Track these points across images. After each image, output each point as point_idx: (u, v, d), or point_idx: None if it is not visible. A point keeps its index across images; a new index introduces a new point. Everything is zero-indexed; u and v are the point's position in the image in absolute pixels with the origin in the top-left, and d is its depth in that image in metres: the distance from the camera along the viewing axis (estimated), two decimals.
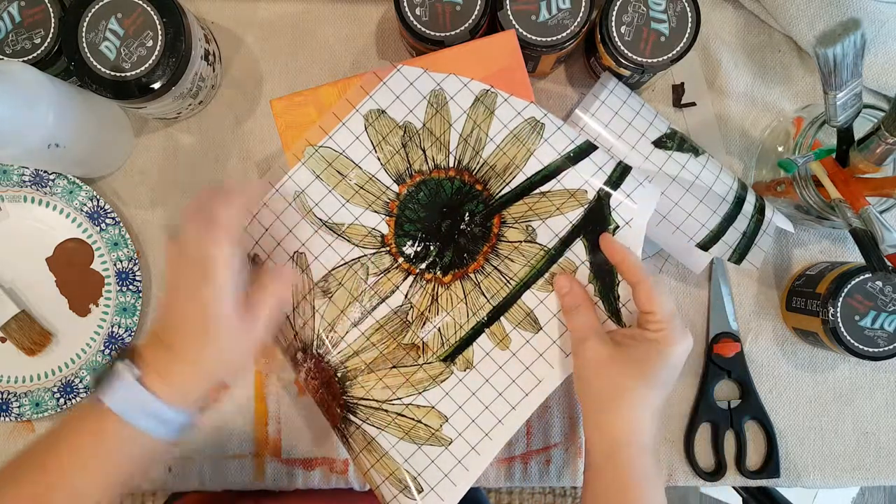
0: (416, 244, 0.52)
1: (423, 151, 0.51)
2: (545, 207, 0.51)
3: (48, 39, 0.54)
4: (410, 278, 0.52)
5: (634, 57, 0.54)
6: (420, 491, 0.51)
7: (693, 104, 0.63)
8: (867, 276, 0.55)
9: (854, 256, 0.62)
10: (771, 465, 0.61)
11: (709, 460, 0.63)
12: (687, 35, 0.54)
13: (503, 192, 0.51)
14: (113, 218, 0.60)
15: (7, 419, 0.60)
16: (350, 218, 0.51)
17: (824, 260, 0.62)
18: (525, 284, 0.52)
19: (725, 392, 0.63)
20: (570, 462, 0.62)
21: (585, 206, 0.50)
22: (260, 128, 0.62)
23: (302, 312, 0.52)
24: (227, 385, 0.49)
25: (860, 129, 0.52)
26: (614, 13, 0.54)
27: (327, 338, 0.52)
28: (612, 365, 0.48)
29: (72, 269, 0.60)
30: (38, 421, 0.61)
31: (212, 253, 0.43)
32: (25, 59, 0.54)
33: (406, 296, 0.52)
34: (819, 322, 0.56)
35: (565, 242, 0.52)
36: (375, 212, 0.51)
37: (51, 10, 0.54)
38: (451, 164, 0.51)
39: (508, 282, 0.52)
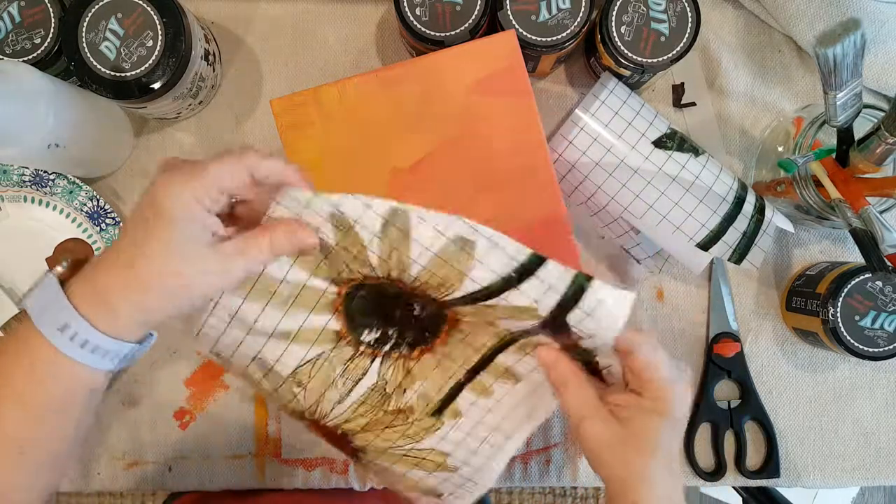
0: (374, 331, 0.48)
1: (347, 264, 0.44)
2: (497, 314, 0.46)
3: (48, 39, 0.54)
4: (378, 360, 0.48)
5: (634, 57, 0.54)
6: (440, 495, 0.52)
7: (693, 104, 0.63)
8: (867, 276, 0.55)
9: (854, 256, 0.62)
10: (771, 465, 0.61)
11: (709, 460, 0.63)
12: (687, 35, 0.54)
13: (447, 299, 0.46)
14: (113, 218, 0.59)
15: None
16: (296, 324, 0.46)
17: (824, 260, 0.62)
18: (497, 351, 0.49)
19: (725, 392, 0.63)
20: (570, 462, 0.62)
21: (540, 321, 0.44)
22: (260, 128, 0.62)
23: (281, 395, 0.49)
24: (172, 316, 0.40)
25: (860, 129, 0.52)
26: (614, 13, 0.54)
27: (316, 412, 0.50)
28: (618, 446, 0.44)
29: (72, 269, 0.60)
30: None
31: (176, 198, 0.37)
32: (25, 59, 0.54)
33: (379, 374, 0.49)
34: (819, 322, 0.56)
35: (530, 331, 0.47)
36: (321, 313, 0.46)
37: (51, 10, 0.54)
38: (380, 275, 0.45)
39: (478, 350, 0.49)
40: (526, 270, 0.43)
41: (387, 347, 0.48)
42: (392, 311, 0.47)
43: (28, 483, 0.40)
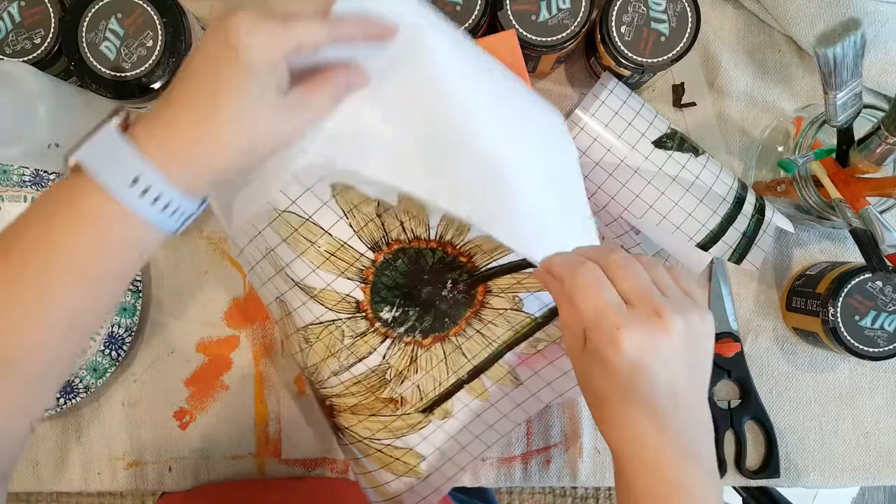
0: (394, 310, 0.48)
1: (401, 223, 0.45)
2: (535, 283, 0.47)
3: (48, 39, 0.54)
4: (388, 341, 0.48)
5: (634, 57, 0.54)
6: None
7: (693, 104, 0.63)
8: (867, 276, 0.55)
9: (854, 256, 0.62)
10: (771, 465, 0.61)
11: None
12: (687, 35, 0.54)
13: (490, 266, 0.47)
14: None
15: None
16: (322, 284, 0.46)
17: (824, 260, 0.62)
18: (508, 346, 0.50)
19: (725, 392, 0.63)
20: (570, 462, 0.62)
21: None
22: None
23: (289, 345, 0.49)
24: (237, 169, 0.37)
25: (860, 129, 0.52)
26: (614, 13, 0.54)
27: (313, 374, 0.50)
28: (582, 378, 0.40)
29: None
30: (38, 421, 0.61)
31: (263, 52, 0.34)
32: (25, 59, 0.54)
33: (384, 357, 0.49)
34: (819, 322, 0.56)
35: (555, 311, 0.48)
36: (349, 279, 0.46)
37: (51, 10, 0.54)
38: (432, 237, 0.46)
39: (490, 344, 0.49)
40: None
41: (401, 329, 0.48)
42: (420, 287, 0.47)
43: (68, 356, 0.37)
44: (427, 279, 0.48)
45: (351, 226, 0.45)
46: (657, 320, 0.36)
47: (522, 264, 0.46)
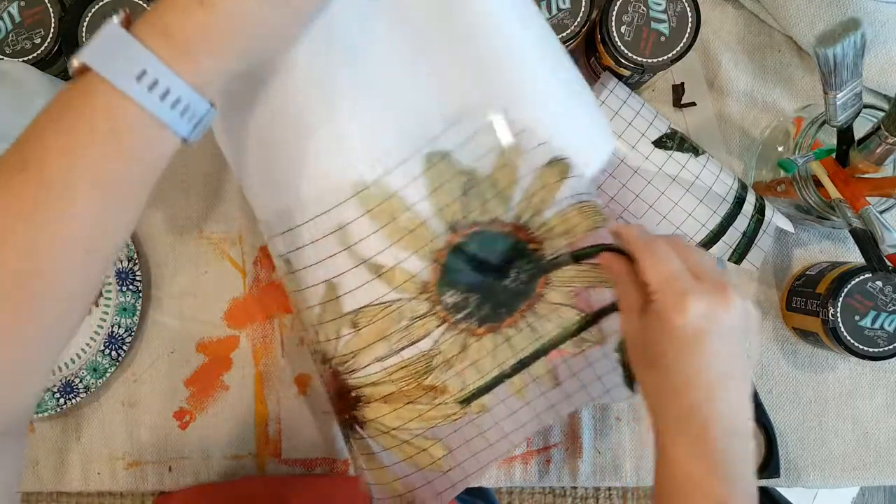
0: (457, 294, 0.48)
1: (484, 202, 0.47)
2: (594, 277, 0.49)
3: (48, 39, 0.54)
4: (444, 325, 0.49)
5: (634, 57, 0.54)
6: (410, 502, 0.52)
7: (693, 104, 0.63)
8: (867, 276, 0.55)
9: (854, 256, 0.62)
10: (771, 465, 0.61)
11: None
12: (687, 35, 0.54)
13: (557, 255, 0.48)
14: None
15: None
16: (393, 261, 0.46)
17: (824, 260, 0.62)
18: (554, 344, 0.51)
19: None
20: (570, 462, 0.62)
21: None
22: None
23: (325, 332, 0.48)
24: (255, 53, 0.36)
25: (860, 129, 0.52)
26: (614, 13, 0.54)
27: (347, 362, 0.49)
28: (635, 349, 0.42)
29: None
30: (37, 421, 0.61)
31: None
32: (25, 59, 0.54)
33: (436, 342, 0.49)
34: (819, 322, 0.56)
35: (604, 311, 0.50)
36: (421, 258, 0.47)
37: (51, 10, 0.54)
38: (509, 220, 0.47)
39: (538, 339, 0.51)
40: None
41: (459, 315, 0.49)
42: (486, 274, 0.48)
43: (90, 280, 0.35)
44: (495, 266, 0.48)
45: (434, 204, 0.46)
46: (721, 294, 0.38)
47: (585, 255, 0.48)
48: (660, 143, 0.56)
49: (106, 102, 0.32)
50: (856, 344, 0.55)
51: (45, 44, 0.54)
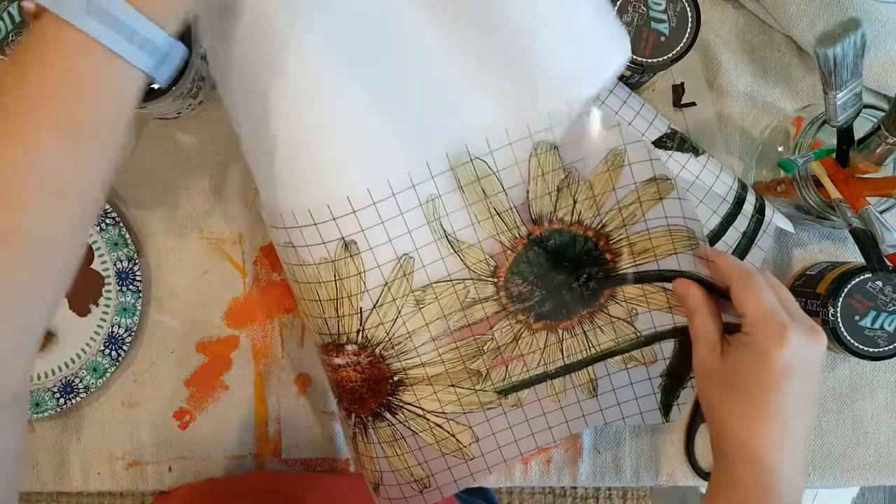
0: (524, 286, 0.50)
1: (574, 202, 0.48)
2: (658, 301, 0.50)
3: None
4: (503, 313, 0.50)
5: (634, 57, 0.54)
6: (426, 487, 0.52)
7: (693, 104, 0.63)
8: (867, 276, 0.55)
9: (854, 256, 0.62)
10: None
11: (709, 460, 0.62)
12: (687, 35, 0.54)
13: (629, 271, 0.49)
14: (113, 218, 0.59)
15: None
16: (474, 239, 0.48)
17: (824, 260, 0.62)
18: (603, 356, 0.52)
19: None
20: (570, 462, 0.62)
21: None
22: None
23: (383, 314, 0.48)
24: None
25: (860, 129, 0.52)
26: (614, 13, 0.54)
27: (400, 343, 0.50)
28: (712, 380, 0.43)
29: None
30: (37, 421, 0.61)
31: None
32: None
33: (492, 327, 0.50)
34: (819, 322, 0.56)
35: (659, 336, 0.51)
36: (501, 242, 0.48)
37: None
38: (593, 225, 0.48)
39: (590, 349, 0.52)
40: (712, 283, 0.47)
41: (520, 306, 0.50)
42: (556, 273, 0.49)
43: (69, 231, 0.35)
44: (566, 266, 0.49)
45: (528, 192, 0.47)
46: (815, 334, 0.41)
47: (658, 276, 0.49)
48: (660, 144, 0.56)
49: (58, 38, 0.32)
50: (856, 344, 0.55)
51: None
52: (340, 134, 0.44)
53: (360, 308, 0.48)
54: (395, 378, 0.50)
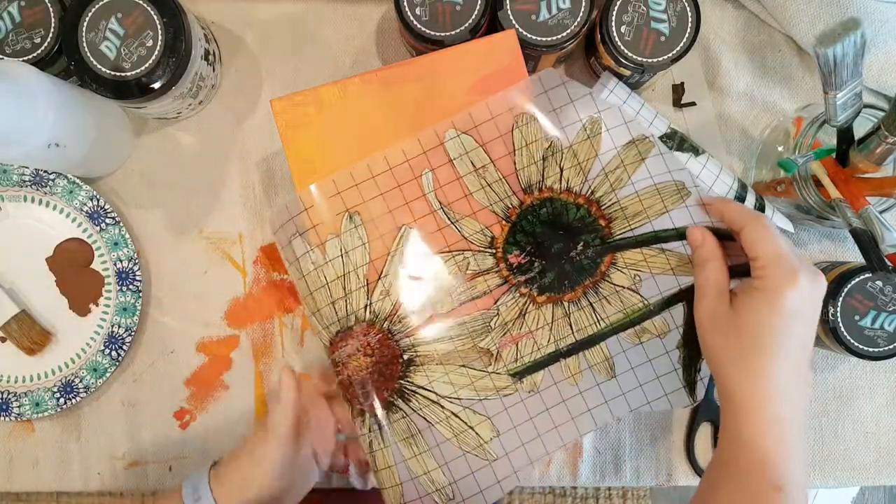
0: (522, 256, 0.51)
1: (561, 171, 0.50)
2: (660, 263, 0.51)
3: (48, 39, 0.54)
4: (506, 286, 0.51)
5: (634, 57, 0.54)
6: (450, 499, 0.51)
7: (693, 104, 0.63)
8: (867, 276, 0.55)
9: (854, 256, 0.62)
10: None
11: (709, 460, 0.62)
12: (687, 35, 0.54)
13: (625, 235, 0.51)
14: (113, 218, 0.60)
15: (7, 419, 0.60)
16: (468, 210, 0.51)
17: (824, 260, 0.62)
18: (614, 329, 0.52)
19: None
20: (570, 462, 0.62)
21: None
22: (260, 128, 0.62)
23: (388, 283, 0.50)
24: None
25: (860, 129, 0.52)
26: (614, 13, 0.54)
27: (406, 317, 0.51)
28: (719, 328, 0.44)
29: (72, 268, 0.60)
30: (37, 421, 0.61)
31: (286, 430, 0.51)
32: (25, 59, 0.54)
33: (496, 301, 0.51)
34: (819, 322, 0.56)
35: (667, 303, 0.51)
36: (494, 212, 0.51)
37: (51, 9, 0.54)
38: (583, 192, 0.50)
39: (599, 321, 0.52)
40: (721, 235, 0.48)
41: (522, 278, 0.51)
42: (553, 242, 0.51)
43: None
44: (562, 235, 0.51)
45: (514, 163, 0.50)
46: (817, 275, 0.43)
47: (655, 238, 0.50)
48: None
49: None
50: (856, 344, 0.55)
51: (45, 44, 0.54)
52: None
53: (367, 280, 0.50)
54: (406, 357, 0.51)
